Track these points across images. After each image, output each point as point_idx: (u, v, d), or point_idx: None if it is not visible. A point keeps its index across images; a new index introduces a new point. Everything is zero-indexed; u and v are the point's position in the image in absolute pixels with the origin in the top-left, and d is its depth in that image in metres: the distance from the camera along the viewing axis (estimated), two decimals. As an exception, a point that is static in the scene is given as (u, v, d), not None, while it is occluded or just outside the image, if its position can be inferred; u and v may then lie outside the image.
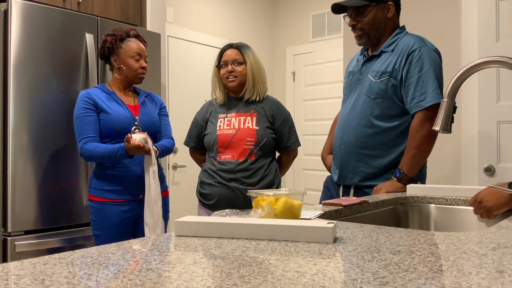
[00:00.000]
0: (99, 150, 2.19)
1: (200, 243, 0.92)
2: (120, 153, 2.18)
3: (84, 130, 2.23)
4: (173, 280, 0.67)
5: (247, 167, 2.29)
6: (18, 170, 2.41)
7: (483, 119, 2.74)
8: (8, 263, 0.76)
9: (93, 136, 2.23)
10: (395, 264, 0.75)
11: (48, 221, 2.51)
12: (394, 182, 1.88)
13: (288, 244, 0.91)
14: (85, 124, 2.23)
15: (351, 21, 2.02)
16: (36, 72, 2.49)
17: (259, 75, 2.39)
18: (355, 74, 2.10)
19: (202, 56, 4.41)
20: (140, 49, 2.34)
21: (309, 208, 1.42)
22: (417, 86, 1.88)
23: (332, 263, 0.76)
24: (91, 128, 2.23)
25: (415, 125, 1.88)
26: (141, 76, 2.37)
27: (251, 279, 0.67)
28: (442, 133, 1.44)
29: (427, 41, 1.95)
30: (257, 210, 1.13)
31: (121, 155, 2.19)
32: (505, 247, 0.87)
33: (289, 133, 2.42)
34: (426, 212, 1.71)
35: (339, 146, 2.04)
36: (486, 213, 1.42)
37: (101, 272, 0.71)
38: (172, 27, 4.16)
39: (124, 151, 2.18)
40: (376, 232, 1.03)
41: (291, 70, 5.17)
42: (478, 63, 1.36)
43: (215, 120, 2.38)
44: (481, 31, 2.73)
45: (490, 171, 2.70)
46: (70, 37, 2.64)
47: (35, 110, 2.48)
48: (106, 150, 2.19)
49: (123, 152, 2.18)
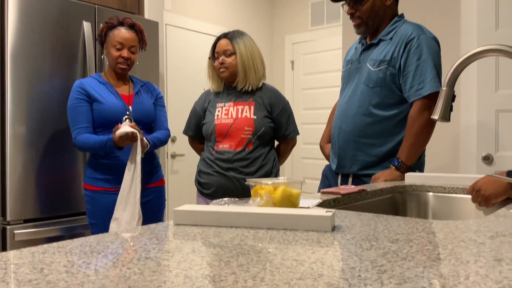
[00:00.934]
0: (90, 141, 2.19)
1: (199, 232, 0.93)
2: (109, 145, 2.17)
3: (77, 120, 2.22)
4: (172, 268, 0.67)
5: (245, 157, 2.29)
6: (16, 159, 2.41)
7: (481, 108, 2.73)
8: (7, 252, 0.77)
9: (86, 126, 2.22)
10: (393, 253, 0.75)
11: (47, 210, 2.51)
12: (392, 171, 1.88)
13: (286, 232, 0.92)
14: (78, 115, 2.22)
15: (350, 10, 2.01)
16: (33, 61, 2.48)
17: (250, 65, 2.32)
18: (354, 63, 2.09)
19: (200, 45, 4.39)
20: (124, 38, 2.28)
21: (308, 196, 1.42)
22: (415, 74, 1.87)
23: (330, 252, 0.76)
24: (83, 118, 2.22)
25: (413, 113, 1.88)
26: (120, 66, 2.29)
27: (250, 267, 0.67)
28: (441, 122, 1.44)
29: (426, 29, 1.94)
30: (256, 199, 1.13)
31: (110, 147, 2.17)
32: (503, 235, 0.88)
33: (288, 122, 2.41)
34: (424, 201, 1.72)
35: (338, 135, 2.04)
36: (484, 201, 1.42)
37: (100, 260, 0.71)
38: (170, 15, 4.13)
39: (112, 142, 2.16)
40: (375, 220, 1.03)
41: (290, 59, 5.15)
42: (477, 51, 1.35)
43: (213, 109, 2.37)
44: (481, 20, 2.72)
45: (488, 160, 2.70)
46: (67, 26, 2.62)
47: (33, 100, 2.47)
48: (96, 142, 2.18)
49: (111, 143, 2.16)
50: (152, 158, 2.40)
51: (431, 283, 0.60)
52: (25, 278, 0.63)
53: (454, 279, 0.61)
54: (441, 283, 0.60)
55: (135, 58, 2.34)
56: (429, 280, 0.61)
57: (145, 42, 2.41)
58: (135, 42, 2.32)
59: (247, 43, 2.35)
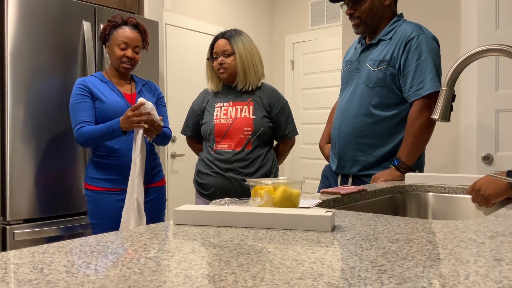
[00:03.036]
0: (94, 129, 2.15)
1: (199, 232, 0.93)
2: (114, 128, 2.12)
3: (79, 115, 2.20)
4: (172, 268, 0.67)
5: (244, 157, 2.28)
6: (16, 159, 2.41)
7: (481, 108, 2.73)
8: (7, 252, 0.77)
9: (89, 121, 2.20)
10: (393, 253, 0.75)
11: (47, 210, 2.51)
12: (392, 171, 1.88)
13: (286, 232, 0.92)
14: (80, 110, 2.20)
15: (349, 10, 2.01)
16: (33, 60, 2.48)
17: (250, 64, 2.31)
18: (353, 63, 2.09)
19: (200, 44, 4.39)
20: (128, 38, 2.27)
21: (308, 196, 1.42)
22: (415, 74, 1.87)
23: (330, 252, 0.76)
24: (86, 113, 2.20)
25: (413, 113, 1.88)
26: (124, 66, 2.29)
27: (250, 267, 0.67)
28: (441, 121, 1.44)
29: (425, 29, 1.94)
30: (256, 199, 1.13)
31: (113, 130, 2.12)
32: (503, 235, 0.88)
33: (287, 122, 2.41)
34: (424, 201, 1.72)
35: (338, 135, 2.04)
36: (484, 201, 1.42)
37: (100, 260, 0.71)
38: (170, 15, 4.13)
39: (118, 125, 2.11)
40: (374, 220, 1.03)
41: (290, 59, 5.15)
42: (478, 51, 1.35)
43: (212, 109, 2.36)
44: (481, 19, 2.72)
45: (488, 160, 2.70)
46: (67, 25, 2.62)
47: (32, 99, 2.47)
48: (99, 127, 2.15)
49: (116, 126, 2.11)
50: (153, 157, 2.40)
51: (431, 283, 0.60)
52: (25, 278, 0.63)
53: (454, 279, 0.61)
54: (441, 283, 0.60)
55: (138, 58, 2.34)
56: (429, 280, 0.61)
57: (148, 42, 2.41)
58: (139, 42, 2.32)
59: (246, 42, 2.34)
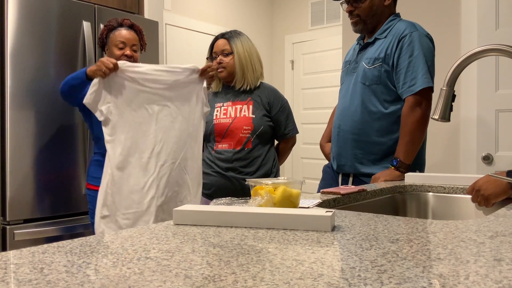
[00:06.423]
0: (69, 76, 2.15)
1: (199, 232, 0.93)
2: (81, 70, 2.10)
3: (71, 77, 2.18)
4: (172, 268, 0.67)
5: (244, 156, 2.29)
6: (16, 159, 2.41)
7: (481, 108, 2.73)
8: (7, 252, 0.76)
9: None
10: (393, 253, 0.75)
11: (47, 210, 2.51)
12: (392, 171, 1.88)
13: (286, 232, 0.92)
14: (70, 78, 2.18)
15: (349, 7, 2.02)
16: (33, 60, 2.48)
17: (248, 64, 2.33)
18: (351, 63, 2.11)
19: (200, 44, 4.39)
20: (125, 37, 2.30)
21: (308, 196, 1.42)
22: (407, 71, 1.88)
23: (330, 252, 0.76)
24: None
25: (405, 110, 1.89)
26: None
27: (250, 267, 0.67)
28: (441, 121, 1.44)
29: (419, 26, 1.95)
30: (256, 199, 1.13)
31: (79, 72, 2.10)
32: (503, 235, 0.88)
33: (286, 121, 2.42)
34: (424, 201, 1.72)
35: (337, 134, 2.05)
36: (484, 201, 1.42)
37: (100, 260, 0.71)
38: (170, 15, 4.13)
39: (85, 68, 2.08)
40: (374, 220, 1.03)
41: (290, 59, 5.15)
42: (478, 51, 1.35)
43: (212, 109, 2.37)
44: (481, 19, 2.72)
45: (488, 160, 2.70)
46: (67, 25, 2.62)
47: (32, 99, 2.47)
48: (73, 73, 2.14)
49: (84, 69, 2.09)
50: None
51: (431, 283, 0.60)
52: (25, 278, 0.63)
53: (454, 279, 0.61)
54: (441, 283, 0.60)
55: (137, 57, 2.34)
56: (429, 280, 0.61)
57: (145, 42, 2.42)
58: (136, 41, 2.34)
59: (245, 42, 2.36)
